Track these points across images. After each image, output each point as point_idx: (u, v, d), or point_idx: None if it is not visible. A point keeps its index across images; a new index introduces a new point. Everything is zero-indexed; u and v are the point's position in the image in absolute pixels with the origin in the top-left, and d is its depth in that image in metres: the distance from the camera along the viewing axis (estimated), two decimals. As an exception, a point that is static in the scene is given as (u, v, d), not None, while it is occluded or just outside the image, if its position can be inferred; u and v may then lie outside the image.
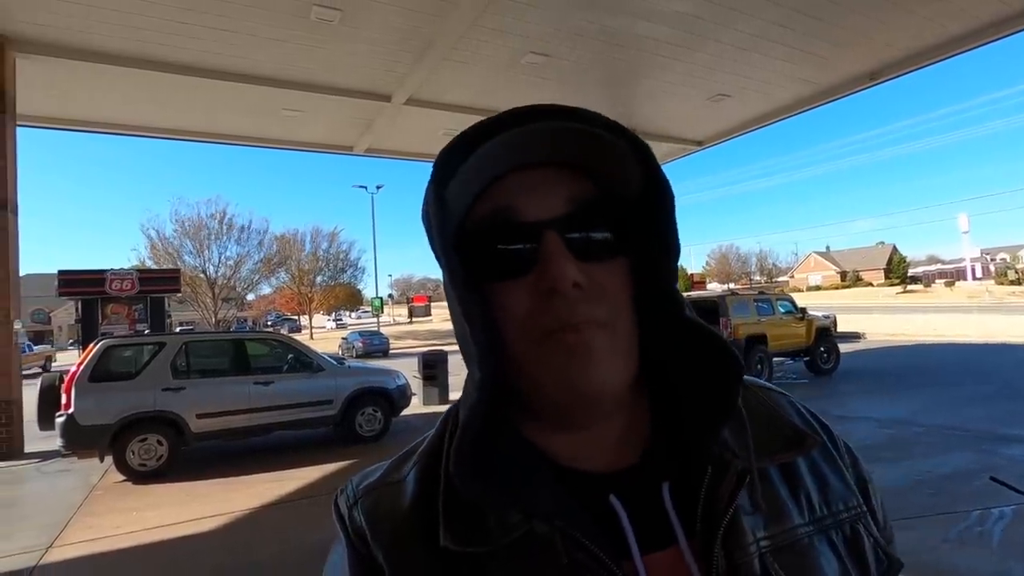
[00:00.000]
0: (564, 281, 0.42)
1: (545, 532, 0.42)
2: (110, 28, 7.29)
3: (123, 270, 9.67)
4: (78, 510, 5.09)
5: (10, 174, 7.49)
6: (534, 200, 0.45)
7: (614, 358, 0.44)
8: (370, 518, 0.48)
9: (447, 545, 0.42)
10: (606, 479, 0.46)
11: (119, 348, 6.47)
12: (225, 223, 32.87)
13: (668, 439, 0.49)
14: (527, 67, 9.10)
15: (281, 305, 51.16)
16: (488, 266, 0.45)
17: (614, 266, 0.46)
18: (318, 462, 6.38)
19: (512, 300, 0.44)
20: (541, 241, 0.43)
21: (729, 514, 0.44)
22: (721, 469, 0.45)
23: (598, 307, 0.44)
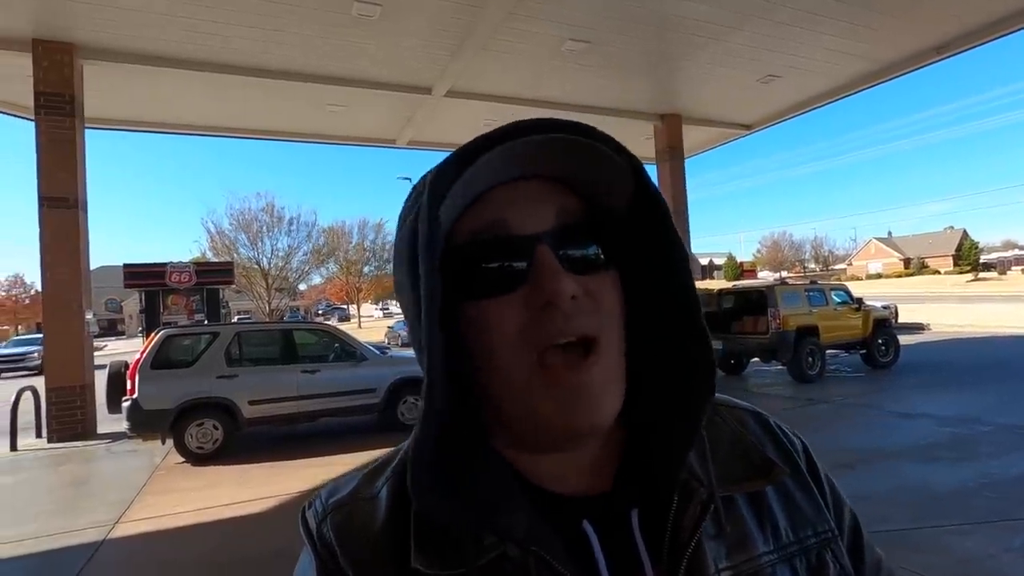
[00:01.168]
0: (562, 294, 0.41)
1: (518, 556, 0.42)
2: (168, 32, 7.66)
3: (181, 263, 10.23)
4: (142, 489, 5.44)
5: (79, 174, 7.99)
6: (523, 213, 0.44)
7: (611, 387, 0.44)
8: (340, 535, 0.46)
9: (417, 567, 0.42)
10: (579, 503, 0.46)
11: (177, 337, 6.85)
12: (275, 216, 34.15)
13: (639, 464, 0.48)
14: (567, 54, 8.97)
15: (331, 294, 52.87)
16: (475, 282, 0.44)
17: (604, 279, 0.45)
18: (363, 448, 6.57)
19: (503, 316, 0.43)
20: (534, 254, 0.42)
21: (693, 543, 0.44)
22: (686, 497, 0.45)
23: (592, 319, 0.43)
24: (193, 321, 9.69)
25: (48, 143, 7.72)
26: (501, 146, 0.41)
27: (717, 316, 10.67)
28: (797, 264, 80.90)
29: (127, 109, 10.30)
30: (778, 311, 9.59)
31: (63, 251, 7.76)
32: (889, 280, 57.73)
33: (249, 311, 38.99)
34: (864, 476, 4.77)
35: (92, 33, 7.63)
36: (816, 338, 9.82)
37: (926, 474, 4.73)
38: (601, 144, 0.43)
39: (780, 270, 73.67)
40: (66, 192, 7.78)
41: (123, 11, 7.09)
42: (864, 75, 10.26)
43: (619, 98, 11.08)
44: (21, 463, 6.84)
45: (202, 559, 3.85)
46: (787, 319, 9.60)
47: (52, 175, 7.71)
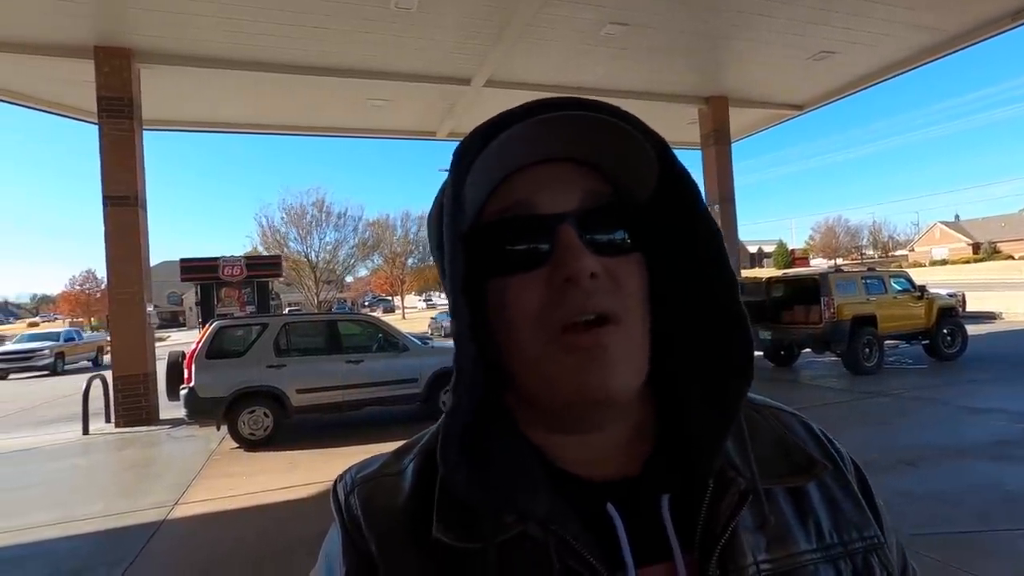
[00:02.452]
0: (582, 271, 0.42)
1: (539, 535, 0.42)
2: (216, 35, 7.93)
3: (233, 257, 10.65)
4: (200, 472, 5.71)
5: (139, 174, 8.41)
6: (549, 194, 0.45)
7: (629, 358, 0.43)
8: (365, 507, 0.48)
9: (439, 536, 0.43)
10: (605, 487, 0.46)
11: (230, 328, 7.14)
12: (324, 210, 35.13)
13: (671, 450, 0.48)
14: (607, 39, 8.76)
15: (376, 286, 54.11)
16: (500, 260, 0.45)
17: (628, 262, 0.46)
18: (405, 437, 6.59)
19: (525, 293, 0.44)
20: (557, 233, 0.43)
21: (728, 532, 0.43)
22: (723, 486, 0.45)
23: (613, 299, 0.43)
24: (244, 313, 10.09)
25: (110, 145, 8.15)
26: (523, 122, 0.43)
27: (766, 305, 10.29)
28: (854, 251, 77.14)
29: (180, 110, 10.76)
30: (832, 300, 9.15)
31: (125, 247, 8.20)
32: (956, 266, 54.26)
33: (299, 303, 40.37)
34: (928, 475, 4.49)
35: (147, 38, 7.98)
36: (874, 328, 9.33)
37: (997, 473, 4.42)
38: (624, 123, 0.43)
39: (835, 257, 70.45)
40: (127, 191, 8.21)
41: (174, 15, 7.37)
42: (928, 47, 9.58)
43: (661, 81, 10.77)
44: (92, 446, 7.31)
45: (253, 541, 4.00)
46: (842, 308, 9.15)
47: (114, 175, 8.15)
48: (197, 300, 10.58)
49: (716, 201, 12.08)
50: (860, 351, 9.13)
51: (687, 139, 13.49)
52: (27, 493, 5.44)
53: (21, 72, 8.64)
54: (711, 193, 12.24)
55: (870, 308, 9.42)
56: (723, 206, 12.04)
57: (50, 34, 7.65)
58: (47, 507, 4.86)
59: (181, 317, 60.62)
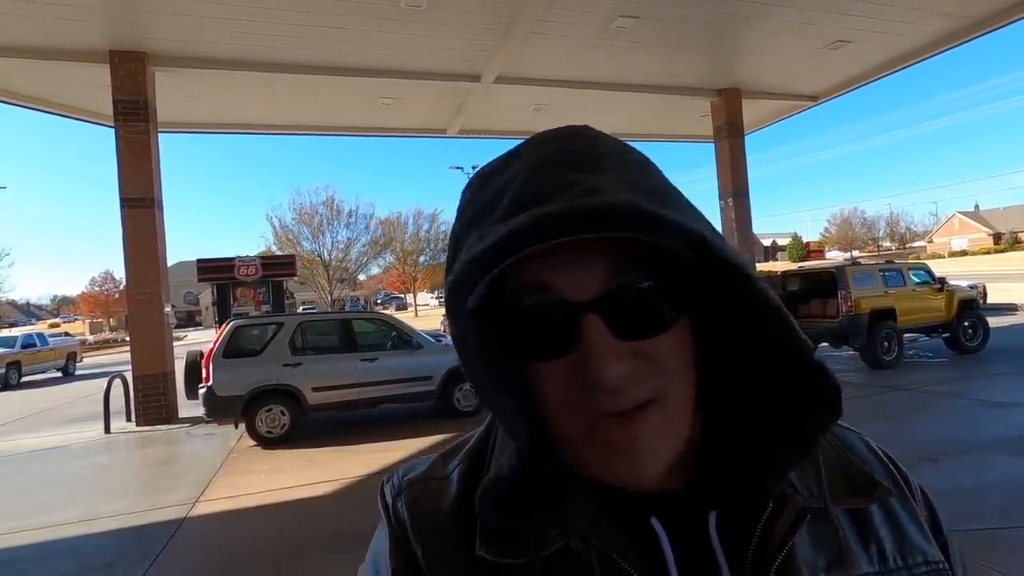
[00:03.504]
0: (607, 376, 0.38)
1: (581, 550, 0.42)
2: (228, 36, 8.00)
3: (248, 257, 10.77)
4: (219, 470, 5.80)
5: (155, 175, 8.52)
6: (570, 277, 0.40)
7: (665, 442, 0.41)
8: (412, 512, 0.48)
9: (482, 555, 0.43)
10: (647, 500, 0.44)
11: (246, 328, 7.22)
12: (335, 209, 35.34)
13: (719, 467, 0.46)
14: (617, 32, 8.69)
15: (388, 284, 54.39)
16: (520, 344, 0.41)
17: (669, 337, 0.41)
18: (420, 434, 6.73)
19: (553, 381, 0.41)
20: (582, 326, 0.39)
21: (783, 553, 0.41)
22: (780, 504, 0.43)
23: (648, 386, 0.40)
24: (260, 312, 10.21)
25: (126, 147, 8.27)
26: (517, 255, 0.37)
27: (782, 299, 10.15)
28: (870, 243, 75.95)
29: (194, 112, 10.87)
30: (849, 293, 9.03)
31: (142, 248, 8.32)
32: (976, 257, 53.22)
33: (313, 301, 40.70)
34: (950, 470, 4.43)
35: (161, 41, 8.08)
36: (892, 321, 9.18)
37: (1021, 469, 4.34)
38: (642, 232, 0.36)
39: (851, 249, 69.44)
40: (143, 193, 8.33)
41: (187, 18, 7.45)
42: (946, 35, 9.37)
43: (673, 75, 10.66)
44: (113, 445, 7.45)
45: (271, 538, 4.06)
46: (859, 301, 9.02)
47: (131, 177, 8.27)
48: (213, 300, 10.70)
49: (730, 195, 11.96)
50: (879, 345, 9.00)
51: (700, 132, 13.37)
52: (53, 491, 5.56)
53: (38, 77, 8.79)
54: (724, 187, 12.12)
55: (888, 301, 9.27)
56: (737, 200, 11.91)
57: (66, 39, 7.77)
58: (73, 504, 4.97)
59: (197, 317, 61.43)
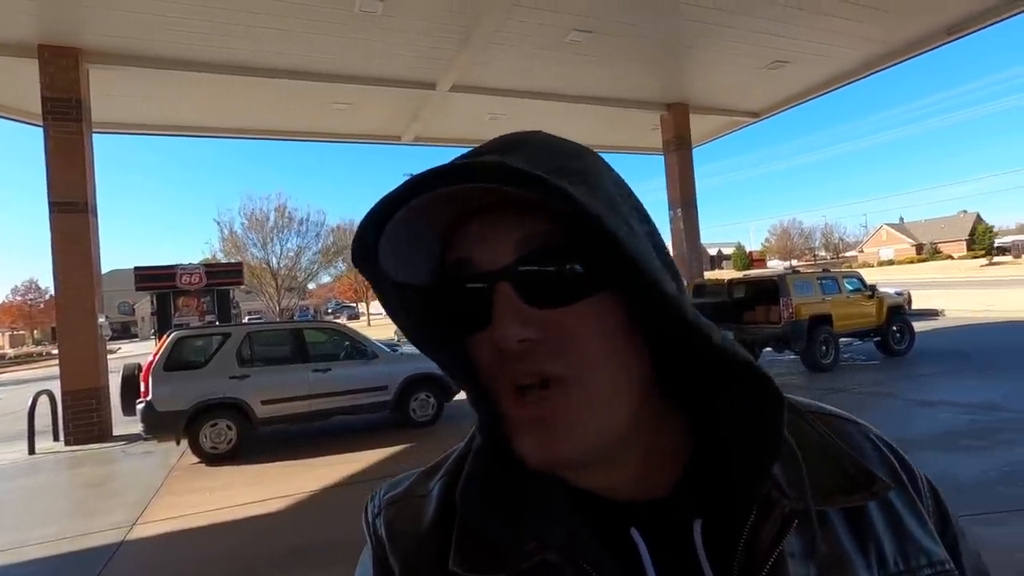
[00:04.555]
0: (505, 340, 0.38)
1: (558, 563, 0.40)
2: (173, 35, 7.66)
3: (191, 265, 10.27)
4: (159, 489, 5.48)
5: (88, 178, 8.03)
6: (486, 247, 0.41)
7: (584, 419, 0.40)
8: (389, 530, 0.48)
9: (455, 570, 0.42)
10: (628, 510, 0.43)
11: (189, 339, 6.87)
12: (286, 216, 34.29)
13: (704, 472, 0.44)
14: (571, 45, 8.87)
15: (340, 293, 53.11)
16: (456, 319, 0.43)
17: (586, 307, 0.40)
18: (376, 446, 6.58)
19: (478, 354, 0.42)
20: (492, 293, 0.40)
21: (771, 561, 0.39)
22: (765, 509, 0.40)
23: (556, 361, 0.39)
24: (204, 322, 9.74)
25: (56, 148, 7.76)
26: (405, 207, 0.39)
27: (728, 306, 10.58)
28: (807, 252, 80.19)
29: (134, 112, 10.33)
30: (790, 300, 9.48)
31: (74, 255, 7.81)
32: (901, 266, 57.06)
33: (260, 311, 39.22)
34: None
35: (97, 37, 7.65)
36: (829, 326, 9.71)
37: (949, 463, 4.65)
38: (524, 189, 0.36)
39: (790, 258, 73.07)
40: (75, 197, 7.83)
41: (127, 14, 7.09)
42: (873, 59, 10.08)
43: (624, 88, 10.97)
44: (40, 466, 6.92)
45: (219, 559, 3.86)
46: (800, 308, 9.49)
47: (61, 180, 7.76)
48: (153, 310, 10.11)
49: (679, 205, 12.37)
50: (817, 349, 9.48)
51: (651, 145, 13.78)
52: (-31, 519, 5.10)
53: (-43, 71, 8.16)
54: (673, 198, 12.53)
55: (826, 308, 9.79)
56: (685, 210, 12.33)
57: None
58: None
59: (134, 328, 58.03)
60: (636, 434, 0.43)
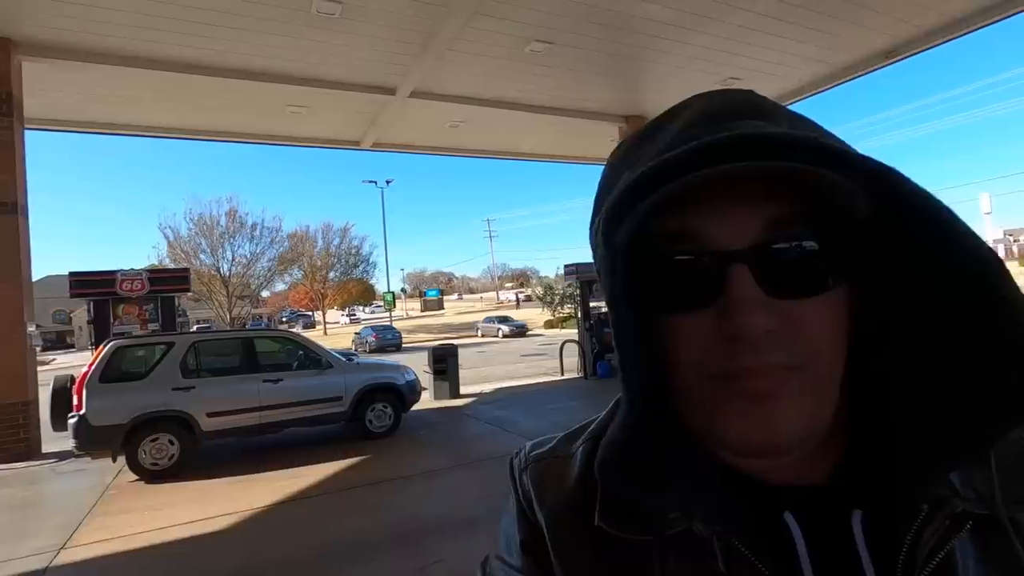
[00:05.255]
0: (752, 330, 0.36)
1: (705, 535, 0.40)
2: (114, 28, 7.28)
3: (133, 270, 9.67)
4: (91, 510, 5.12)
5: (19, 177, 7.53)
6: (724, 224, 0.37)
7: (805, 404, 0.37)
8: (537, 485, 0.51)
9: (601, 526, 0.43)
10: (783, 494, 0.41)
11: (129, 348, 6.50)
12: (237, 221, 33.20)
13: (869, 462, 0.41)
14: (531, 56, 8.94)
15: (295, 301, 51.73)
16: (663, 293, 0.39)
17: (823, 301, 0.38)
18: (330, 459, 6.37)
19: (687, 337, 0.38)
20: (729, 276, 0.37)
21: (934, 563, 0.36)
22: (935, 507, 0.37)
23: (792, 351, 0.37)
24: (147, 331, 9.23)
25: (-17, 145, 7.25)
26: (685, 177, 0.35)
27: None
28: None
29: (71, 109, 9.78)
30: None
31: (2, 259, 7.29)
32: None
33: (209, 320, 37.72)
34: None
35: (31, 28, 7.21)
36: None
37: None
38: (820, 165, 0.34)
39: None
40: (3, 196, 7.33)
41: (64, 5, 6.70)
42: (820, 78, 10.57)
43: (583, 99, 11.13)
44: (-44, 488, 6.37)
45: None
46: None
47: (-12, 179, 7.24)
48: (89, 318, 9.49)
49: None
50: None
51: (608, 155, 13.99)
52: None
53: None
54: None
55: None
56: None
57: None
58: None
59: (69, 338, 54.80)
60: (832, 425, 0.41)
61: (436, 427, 8.02)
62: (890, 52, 9.40)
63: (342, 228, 45.27)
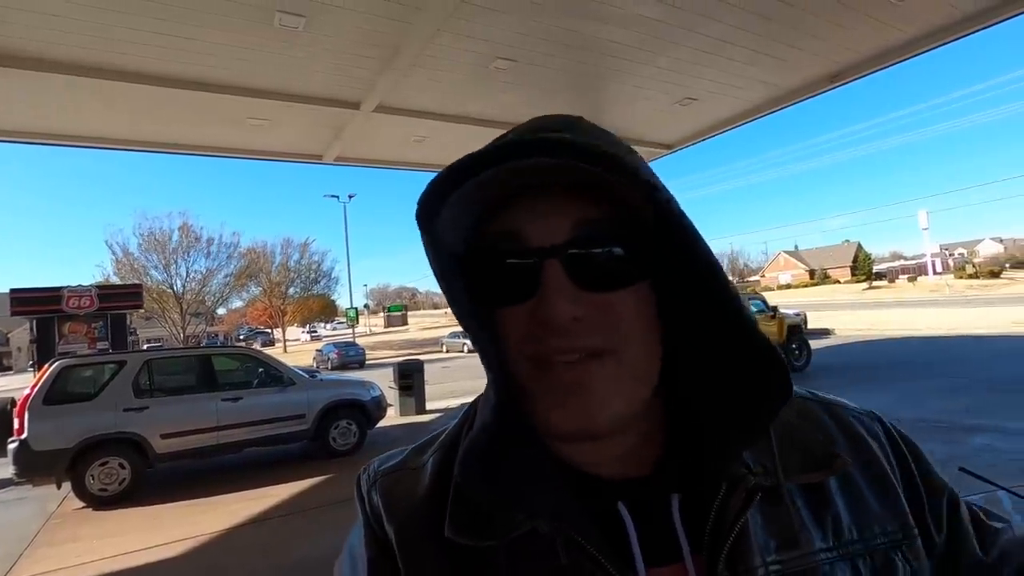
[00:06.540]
0: (558, 317, 0.41)
1: (547, 532, 0.42)
2: (56, 35, 7.00)
3: (81, 287, 9.20)
4: (32, 541, 4.83)
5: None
6: (539, 224, 0.43)
7: (618, 389, 0.43)
8: (385, 500, 0.50)
9: (449, 536, 0.44)
10: (615, 486, 0.46)
11: (76, 368, 6.19)
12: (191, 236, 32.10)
13: (684, 451, 0.47)
14: (496, 72, 9.07)
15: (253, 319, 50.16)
16: (493, 289, 0.45)
17: (628, 294, 0.43)
18: (292, 479, 6.19)
19: (512, 326, 0.44)
20: (543, 270, 0.42)
21: (735, 532, 0.42)
22: (732, 484, 0.44)
23: (599, 338, 0.42)
24: (95, 351, 8.79)
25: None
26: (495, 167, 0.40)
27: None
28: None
29: (10, 118, 9.32)
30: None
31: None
32: (797, 290, 62.38)
33: (161, 338, 36.20)
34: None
35: (-30, 34, 6.87)
36: (738, 345, 10.35)
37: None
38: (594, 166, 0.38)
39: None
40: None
41: (3, 9, 6.42)
42: (771, 99, 11.10)
43: (547, 117, 11.33)
44: None
45: (107, 615, 3.43)
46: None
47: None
48: (32, 338, 8.98)
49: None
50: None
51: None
52: None
53: None
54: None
55: (734, 327, 10.46)
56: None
57: None
58: None
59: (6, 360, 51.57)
60: (647, 410, 0.46)
61: (402, 443, 7.88)
62: (835, 76, 9.97)
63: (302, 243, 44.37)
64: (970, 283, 48.74)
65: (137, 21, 6.85)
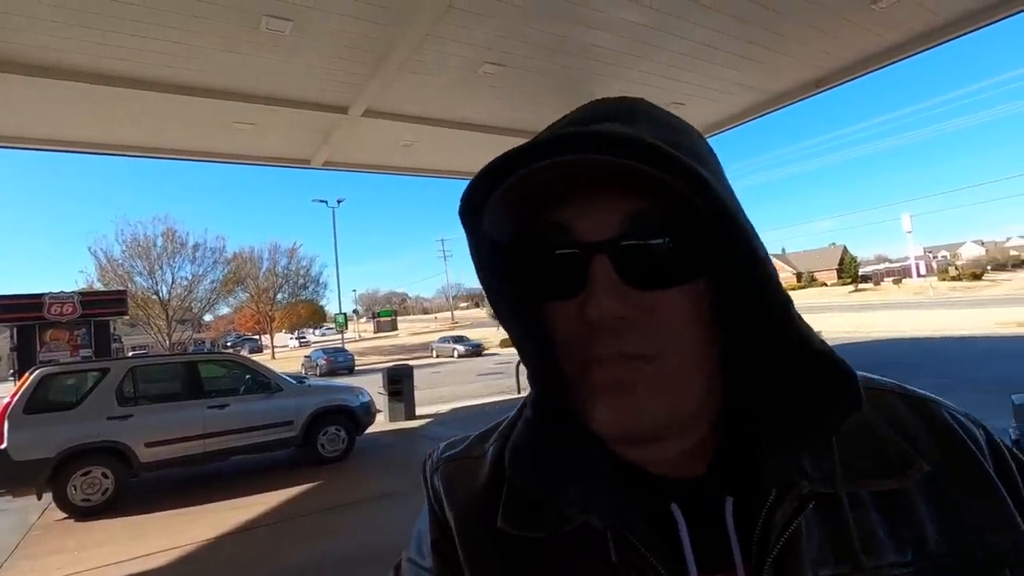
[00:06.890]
0: (603, 316, 0.39)
1: (599, 528, 0.42)
2: (41, 39, 6.93)
3: (63, 293, 9.05)
4: (12, 553, 4.72)
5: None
6: (589, 218, 0.41)
7: (662, 393, 0.41)
8: (447, 486, 0.52)
9: (502, 527, 0.45)
10: (669, 486, 0.45)
11: (58, 376, 6.08)
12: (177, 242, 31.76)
13: (740, 452, 0.45)
14: (484, 77, 9.10)
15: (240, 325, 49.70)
16: (540, 282, 0.44)
17: (678, 293, 0.41)
18: (280, 487, 6.12)
19: (560, 322, 0.43)
20: (591, 265, 0.40)
21: (782, 541, 0.39)
22: (784, 490, 0.41)
23: (645, 339, 0.40)
24: (77, 358, 8.64)
25: None
26: (526, 168, 0.39)
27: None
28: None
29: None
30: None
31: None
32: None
33: (146, 346, 35.72)
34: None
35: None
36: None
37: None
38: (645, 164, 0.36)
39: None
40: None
41: (-9, 14, 6.34)
42: (756, 104, 11.22)
43: (536, 121, 11.36)
44: None
45: (89, 628, 3.36)
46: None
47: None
48: (13, 346, 8.83)
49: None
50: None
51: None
52: None
53: None
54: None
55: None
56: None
57: None
58: None
59: (-13, 368, 50.53)
60: (689, 422, 0.44)
61: (392, 449, 7.85)
62: (820, 81, 10.11)
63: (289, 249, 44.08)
64: (953, 285, 49.52)
65: (122, 26, 6.79)
